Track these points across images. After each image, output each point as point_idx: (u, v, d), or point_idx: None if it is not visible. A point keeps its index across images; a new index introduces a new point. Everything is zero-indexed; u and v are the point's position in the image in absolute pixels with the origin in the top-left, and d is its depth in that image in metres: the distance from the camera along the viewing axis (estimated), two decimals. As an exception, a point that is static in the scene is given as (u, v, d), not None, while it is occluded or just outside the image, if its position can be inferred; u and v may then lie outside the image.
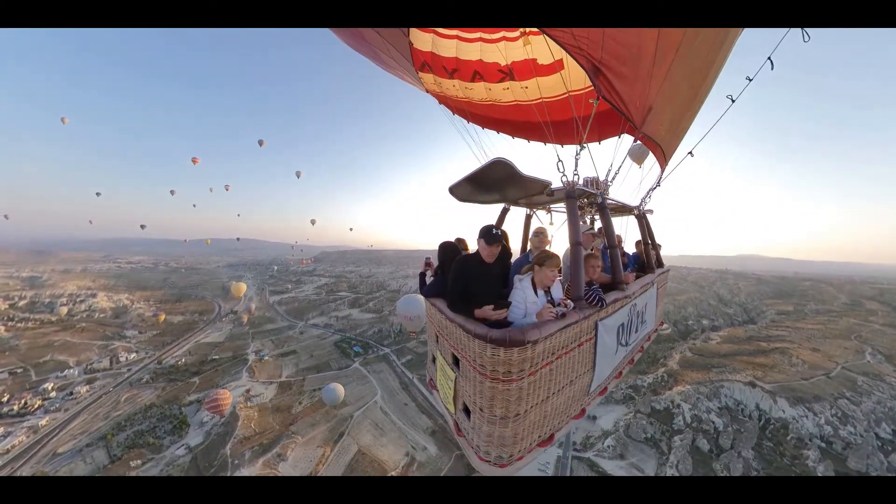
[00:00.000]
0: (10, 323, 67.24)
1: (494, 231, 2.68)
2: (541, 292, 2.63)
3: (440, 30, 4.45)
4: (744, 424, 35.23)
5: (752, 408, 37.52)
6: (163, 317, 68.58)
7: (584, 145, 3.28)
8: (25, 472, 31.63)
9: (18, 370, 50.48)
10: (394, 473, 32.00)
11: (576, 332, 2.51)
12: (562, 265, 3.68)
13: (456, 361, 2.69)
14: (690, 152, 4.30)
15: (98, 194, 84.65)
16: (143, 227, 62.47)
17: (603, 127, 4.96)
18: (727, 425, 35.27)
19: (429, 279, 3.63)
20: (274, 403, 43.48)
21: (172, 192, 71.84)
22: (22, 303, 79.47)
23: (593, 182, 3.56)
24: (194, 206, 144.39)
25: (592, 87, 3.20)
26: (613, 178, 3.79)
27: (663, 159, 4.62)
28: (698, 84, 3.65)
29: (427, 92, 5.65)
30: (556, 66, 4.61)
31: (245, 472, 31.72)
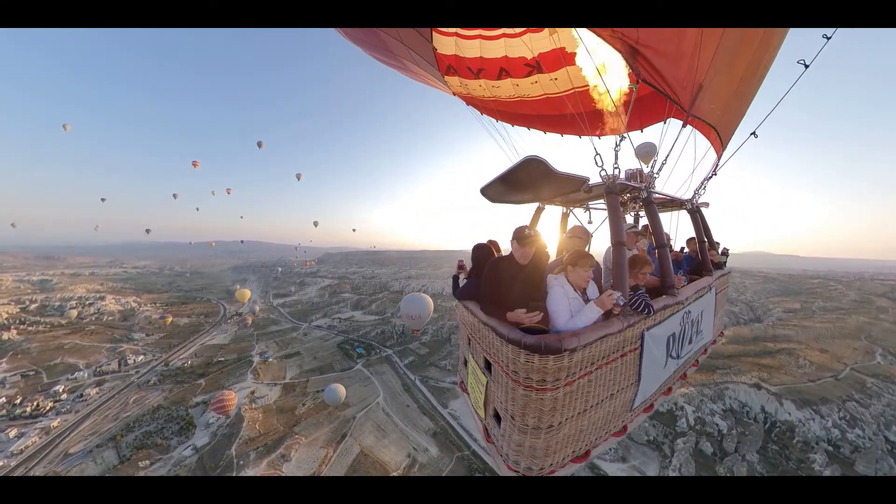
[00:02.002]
0: (21, 326, 68.71)
1: (527, 231, 2.60)
2: (577, 293, 2.48)
3: (462, 31, 4.31)
4: (748, 427, 34.87)
5: (757, 410, 37.09)
6: (170, 319, 69.55)
7: (625, 135, 3.02)
8: (39, 471, 32.36)
9: (31, 373, 51.65)
10: (395, 474, 32.18)
11: (618, 341, 2.32)
12: (603, 267, 3.41)
13: (488, 366, 2.60)
14: (754, 133, 3.74)
15: (103, 200, 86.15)
16: (148, 231, 62.49)
17: (645, 113, 4.57)
18: (731, 428, 34.93)
19: (461, 282, 3.54)
20: (278, 405, 43.96)
21: (175, 196, 72.92)
22: (33, 306, 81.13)
23: (637, 175, 3.23)
24: (197, 209, 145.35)
25: (630, 71, 2.96)
26: (660, 169, 3.35)
27: (720, 143, 4.13)
28: (759, 53, 3.17)
29: (454, 94, 5.58)
30: None
31: (250, 472, 32.14)
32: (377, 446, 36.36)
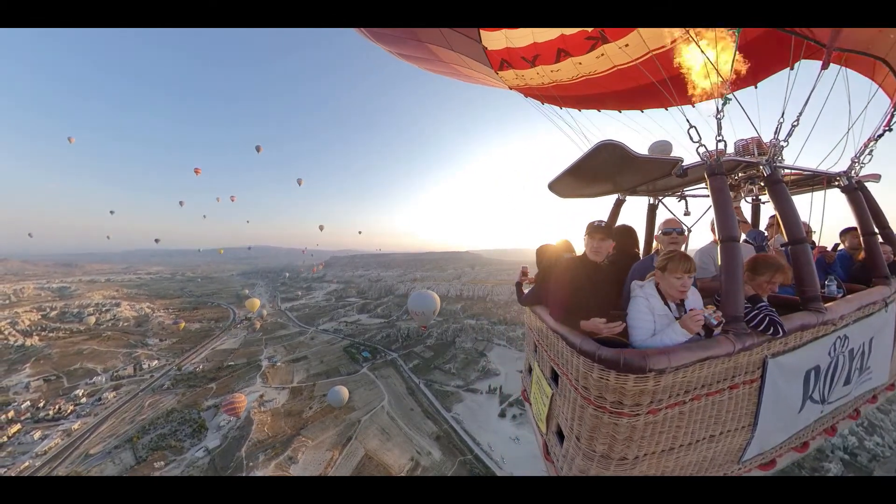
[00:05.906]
0: (43, 333, 71.72)
1: (598, 223, 2.33)
2: (672, 306, 1.99)
3: None
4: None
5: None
6: (182, 325, 71.68)
7: (729, 96, 2.31)
8: (61, 471, 33.92)
9: (52, 377, 53.87)
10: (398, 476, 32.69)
11: (727, 367, 1.81)
12: (701, 269, 2.71)
13: (555, 377, 2.33)
14: None
15: (112, 212, 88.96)
16: (157, 240, 64.12)
17: (761, 60, 3.46)
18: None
19: (525, 289, 3.32)
20: (286, 408, 45.02)
21: (181, 204, 75.56)
22: (53, 313, 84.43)
23: (753, 145, 2.44)
24: (204, 216, 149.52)
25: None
26: (790, 134, 2.46)
27: (894, 82, 3.00)
28: None
29: (510, 89, 5.24)
30: None
31: (259, 473, 33.08)
32: (381, 449, 37.02)
